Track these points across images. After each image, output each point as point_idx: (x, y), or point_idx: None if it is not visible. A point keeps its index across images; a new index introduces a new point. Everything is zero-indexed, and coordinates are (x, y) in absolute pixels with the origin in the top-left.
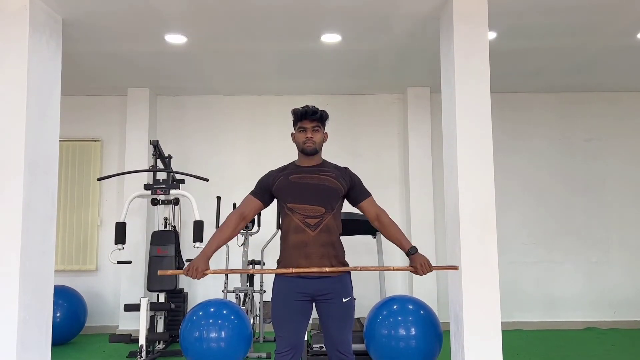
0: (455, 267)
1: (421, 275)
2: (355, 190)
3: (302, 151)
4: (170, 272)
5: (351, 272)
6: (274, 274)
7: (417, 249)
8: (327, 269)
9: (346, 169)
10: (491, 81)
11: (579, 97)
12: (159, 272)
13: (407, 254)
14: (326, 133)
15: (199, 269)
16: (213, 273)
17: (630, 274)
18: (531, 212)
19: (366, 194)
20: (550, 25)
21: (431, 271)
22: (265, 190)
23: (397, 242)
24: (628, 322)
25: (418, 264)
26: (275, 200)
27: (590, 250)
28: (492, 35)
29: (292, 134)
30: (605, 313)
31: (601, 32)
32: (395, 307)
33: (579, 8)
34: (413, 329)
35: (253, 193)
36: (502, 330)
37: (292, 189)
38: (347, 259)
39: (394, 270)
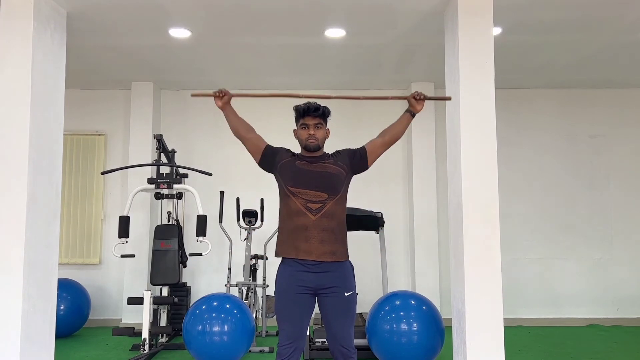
0: (448, 98)
1: (415, 100)
2: (357, 155)
3: (305, 148)
4: (199, 92)
5: (353, 265)
6: (275, 272)
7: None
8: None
9: (337, 151)
10: (496, 77)
11: (584, 93)
12: (192, 94)
13: (408, 111)
14: (328, 129)
15: (226, 93)
16: (236, 96)
17: (633, 271)
18: (535, 208)
19: (363, 146)
20: (555, 20)
21: (424, 100)
22: (273, 152)
23: (399, 121)
24: (631, 319)
25: (412, 95)
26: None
27: (594, 246)
28: (497, 30)
29: (294, 130)
30: (608, 310)
31: (607, 28)
32: (397, 302)
33: (584, 3)
34: (415, 325)
35: (267, 143)
36: (505, 327)
37: (296, 173)
38: (349, 253)
39: (390, 99)
